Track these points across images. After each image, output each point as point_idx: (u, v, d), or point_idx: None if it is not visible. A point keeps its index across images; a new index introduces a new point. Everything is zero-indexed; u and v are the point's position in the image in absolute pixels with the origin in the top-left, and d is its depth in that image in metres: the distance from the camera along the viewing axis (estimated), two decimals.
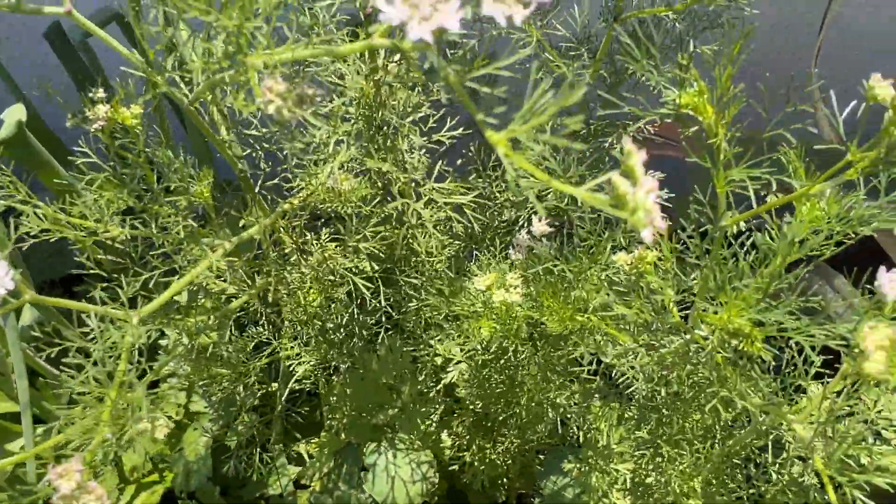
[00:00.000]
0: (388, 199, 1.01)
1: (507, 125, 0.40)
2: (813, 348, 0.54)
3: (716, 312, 0.59)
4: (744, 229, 0.72)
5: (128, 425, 0.55)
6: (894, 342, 0.44)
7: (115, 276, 0.74)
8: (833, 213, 0.63)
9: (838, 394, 0.65)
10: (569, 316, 0.71)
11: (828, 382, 0.62)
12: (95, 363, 0.55)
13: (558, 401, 0.87)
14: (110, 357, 0.57)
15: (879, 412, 0.99)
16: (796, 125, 0.65)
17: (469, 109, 0.41)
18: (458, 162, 1.13)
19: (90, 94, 0.80)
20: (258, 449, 1.19)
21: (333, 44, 0.91)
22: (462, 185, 0.95)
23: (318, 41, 0.51)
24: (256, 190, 0.88)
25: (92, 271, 0.74)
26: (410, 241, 1.00)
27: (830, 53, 1.53)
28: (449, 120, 1.00)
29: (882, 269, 0.52)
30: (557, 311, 0.71)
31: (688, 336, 0.63)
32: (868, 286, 0.60)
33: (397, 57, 0.95)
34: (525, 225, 1.00)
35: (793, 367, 0.74)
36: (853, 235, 0.67)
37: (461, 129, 1.00)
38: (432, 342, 0.98)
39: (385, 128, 0.96)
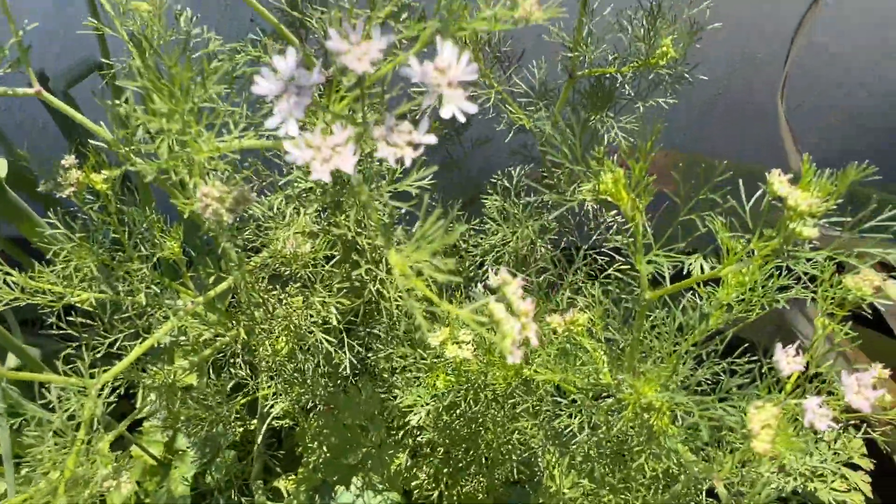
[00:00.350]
0: (357, 248, 1.05)
1: None
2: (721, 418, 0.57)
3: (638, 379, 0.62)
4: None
5: (87, 493, 0.59)
6: (781, 420, 0.48)
7: (86, 335, 0.78)
8: (755, 280, 0.67)
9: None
10: (511, 374, 0.74)
11: None
12: (56, 432, 0.59)
13: (513, 447, 0.90)
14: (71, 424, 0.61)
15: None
16: None
17: (379, 230, 0.46)
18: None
19: (62, 161, 0.84)
20: (237, 487, 1.23)
21: None
22: None
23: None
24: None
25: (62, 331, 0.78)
26: (379, 287, 1.04)
27: (805, 72, 1.58)
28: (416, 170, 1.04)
29: (778, 345, 0.56)
30: (500, 369, 0.75)
31: (619, 395, 0.66)
32: None
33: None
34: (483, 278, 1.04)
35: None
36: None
37: (428, 178, 1.05)
38: (399, 385, 1.02)
39: (350, 182, 1.00)
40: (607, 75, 1.08)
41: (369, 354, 1.07)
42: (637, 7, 0.99)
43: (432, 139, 0.41)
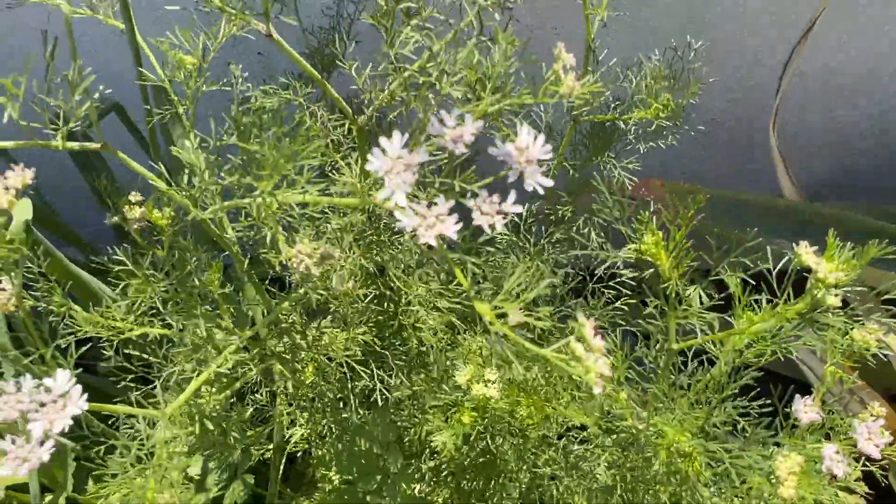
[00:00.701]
0: (378, 281, 1.11)
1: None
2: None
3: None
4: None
5: None
6: (804, 468, 0.55)
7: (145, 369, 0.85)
8: (769, 326, 0.74)
9: None
10: (537, 412, 0.80)
11: None
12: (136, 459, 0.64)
13: (533, 477, 0.96)
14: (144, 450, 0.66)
15: None
16: None
17: (461, 281, 0.52)
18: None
19: (129, 197, 0.89)
20: None
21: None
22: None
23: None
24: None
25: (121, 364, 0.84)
26: (402, 319, 1.10)
27: (798, 98, 1.64)
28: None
29: (797, 396, 0.62)
30: (527, 406, 0.81)
31: (645, 440, 0.72)
32: None
33: None
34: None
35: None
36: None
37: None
38: (417, 415, 1.08)
39: (379, 220, 1.05)
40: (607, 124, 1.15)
41: (391, 384, 1.12)
42: (638, 63, 1.06)
43: (518, 209, 0.49)
